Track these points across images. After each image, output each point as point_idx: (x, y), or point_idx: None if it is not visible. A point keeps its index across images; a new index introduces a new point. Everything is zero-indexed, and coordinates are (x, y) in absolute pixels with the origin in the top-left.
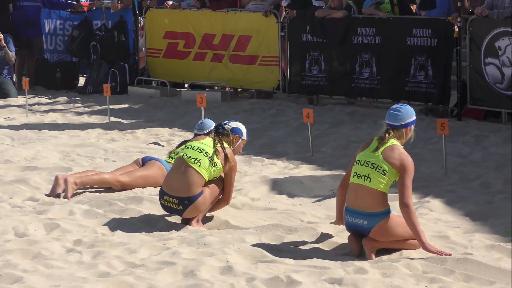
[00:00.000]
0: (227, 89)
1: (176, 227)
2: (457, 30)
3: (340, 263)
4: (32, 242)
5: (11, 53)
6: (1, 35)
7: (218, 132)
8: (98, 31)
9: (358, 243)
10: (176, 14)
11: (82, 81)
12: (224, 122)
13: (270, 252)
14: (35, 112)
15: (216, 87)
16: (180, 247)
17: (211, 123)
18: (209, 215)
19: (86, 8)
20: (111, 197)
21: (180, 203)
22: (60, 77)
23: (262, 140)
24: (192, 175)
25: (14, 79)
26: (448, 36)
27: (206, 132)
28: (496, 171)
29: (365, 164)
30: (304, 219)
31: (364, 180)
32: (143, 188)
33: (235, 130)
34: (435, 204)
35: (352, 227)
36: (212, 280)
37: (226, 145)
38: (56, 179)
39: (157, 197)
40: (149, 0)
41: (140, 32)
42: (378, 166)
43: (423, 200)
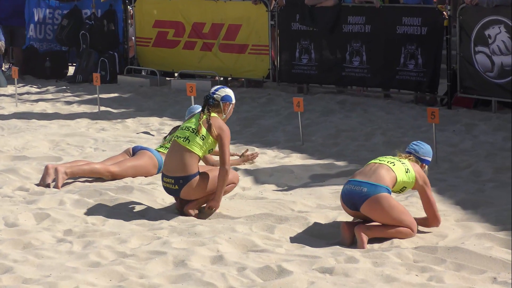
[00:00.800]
0: (217, 78)
1: (167, 216)
2: (447, 18)
3: (331, 252)
4: (22, 232)
5: (1, 42)
6: None
7: (209, 103)
8: (88, 20)
9: (350, 231)
10: (166, 2)
11: (71, 70)
12: (211, 91)
13: (261, 241)
14: (25, 102)
15: (206, 76)
16: (170, 237)
17: (196, 108)
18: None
19: None
20: (101, 186)
21: (176, 182)
22: (50, 66)
23: (253, 129)
24: (184, 154)
25: (3, 68)
26: (438, 25)
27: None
28: (486, 160)
29: (390, 157)
30: (295, 208)
31: (387, 163)
32: (133, 177)
33: (225, 98)
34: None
35: (348, 195)
36: (203, 269)
37: (214, 114)
38: (46, 168)
39: (147, 186)
40: None
41: (129, 21)
42: (404, 163)
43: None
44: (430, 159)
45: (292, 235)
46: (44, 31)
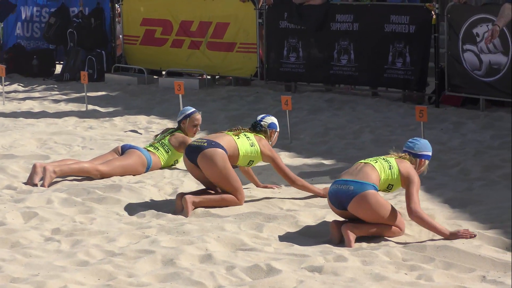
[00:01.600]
0: (204, 76)
1: (155, 215)
2: (435, 16)
3: (320, 251)
4: (10, 230)
5: None
6: None
7: (256, 129)
8: (75, 18)
9: (339, 230)
10: (153, 0)
11: (59, 68)
12: (258, 118)
13: (250, 240)
14: (12, 100)
15: (194, 75)
16: (159, 236)
17: (187, 109)
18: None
19: None
20: (89, 185)
21: (208, 142)
22: (37, 64)
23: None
24: (227, 136)
25: None
26: (426, 23)
27: (181, 118)
28: (474, 158)
29: (376, 157)
30: (283, 207)
31: (371, 161)
32: (122, 176)
33: (272, 126)
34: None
35: (335, 194)
36: (191, 268)
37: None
38: (34, 167)
39: (135, 185)
40: None
41: (117, 19)
42: (388, 160)
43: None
44: (430, 153)
45: (281, 234)
46: (31, 29)
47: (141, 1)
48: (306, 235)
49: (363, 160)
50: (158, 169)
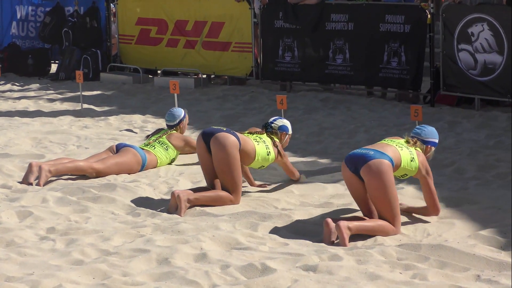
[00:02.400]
0: (200, 75)
1: (150, 214)
2: (430, 16)
3: (315, 250)
4: (5, 230)
5: None
6: None
7: (267, 131)
8: (70, 17)
9: (333, 227)
10: (149, 0)
11: (54, 67)
12: (270, 120)
13: (245, 239)
14: (7, 99)
15: (189, 74)
16: (154, 235)
17: (180, 112)
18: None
19: None
20: (84, 184)
21: (227, 130)
22: (32, 63)
23: (236, 126)
24: (248, 139)
25: None
26: (421, 22)
27: (177, 122)
28: (469, 157)
29: (399, 141)
30: (278, 206)
31: (396, 145)
32: (117, 175)
33: (282, 128)
34: (409, 190)
35: (352, 155)
36: (186, 267)
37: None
38: (30, 166)
39: (130, 184)
40: None
41: (112, 18)
42: (411, 151)
43: (397, 187)
44: (436, 140)
45: (276, 233)
46: (26, 29)
47: (136, 0)
48: (301, 234)
49: (386, 140)
50: (154, 167)
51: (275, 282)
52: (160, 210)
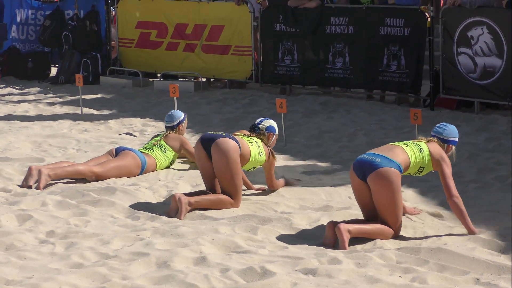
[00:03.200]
0: (199, 79)
1: (150, 218)
2: (429, 19)
3: (314, 253)
4: (5, 233)
5: None
6: None
7: (255, 132)
8: (70, 21)
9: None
10: (148, 3)
11: (54, 71)
12: (257, 121)
13: (244, 242)
14: (7, 103)
15: (189, 77)
16: (153, 238)
17: (179, 114)
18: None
19: None
20: (83, 187)
21: (226, 135)
22: (32, 67)
23: (235, 130)
24: (243, 140)
25: None
26: (421, 26)
27: (176, 123)
28: (469, 161)
29: (405, 141)
30: (278, 210)
31: (401, 144)
32: (116, 178)
33: (269, 129)
34: (409, 194)
35: (360, 162)
36: (186, 271)
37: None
38: (30, 169)
39: (130, 187)
40: None
41: (112, 21)
42: (418, 144)
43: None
44: (457, 139)
45: (275, 236)
46: (26, 32)
47: (136, 4)
48: (300, 237)
49: (393, 143)
50: (154, 170)
51: (274, 285)
52: (159, 214)
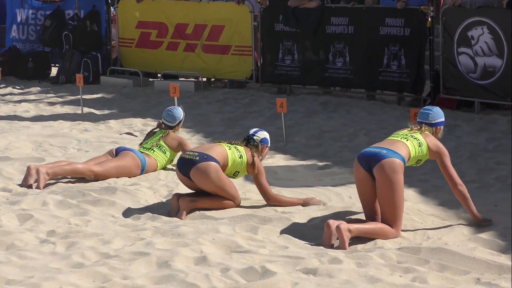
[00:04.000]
0: (200, 79)
1: (150, 217)
2: (430, 19)
3: (315, 253)
4: (5, 233)
5: None
6: None
7: (250, 143)
8: (71, 21)
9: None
10: (149, 3)
11: (54, 71)
12: (251, 132)
13: (245, 242)
14: (7, 102)
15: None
16: (154, 238)
17: (179, 114)
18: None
19: None
20: (84, 187)
21: (200, 155)
22: (32, 67)
23: (236, 129)
24: (219, 147)
25: None
26: (421, 26)
27: (176, 124)
28: (469, 160)
29: (403, 133)
30: (278, 209)
31: (401, 138)
32: (116, 178)
33: (264, 141)
34: (409, 193)
35: (366, 154)
36: (186, 270)
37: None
38: (28, 169)
39: (131, 187)
40: None
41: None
42: (416, 138)
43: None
44: (443, 119)
45: (276, 236)
46: (27, 32)
47: (136, 4)
48: (300, 237)
49: (392, 136)
50: (154, 171)
51: (275, 285)
52: (160, 213)
